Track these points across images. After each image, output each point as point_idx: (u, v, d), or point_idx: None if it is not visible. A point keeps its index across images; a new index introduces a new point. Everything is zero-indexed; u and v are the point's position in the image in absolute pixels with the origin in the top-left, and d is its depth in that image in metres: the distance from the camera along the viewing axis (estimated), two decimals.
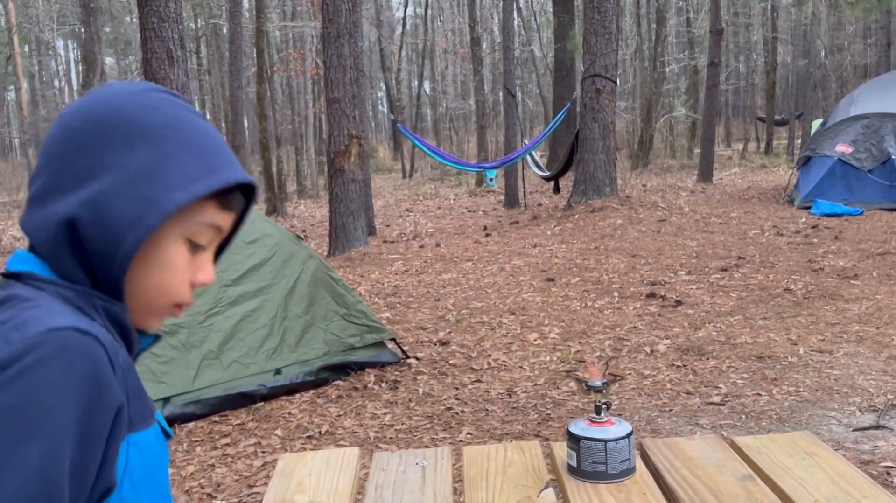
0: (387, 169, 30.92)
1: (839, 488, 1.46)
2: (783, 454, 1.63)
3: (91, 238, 0.85)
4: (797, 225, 9.96)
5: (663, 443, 1.71)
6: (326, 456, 1.72)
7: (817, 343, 5.16)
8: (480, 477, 1.59)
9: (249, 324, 4.63)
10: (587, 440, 1.51)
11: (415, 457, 1.71)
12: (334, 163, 9.67)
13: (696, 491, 1.48)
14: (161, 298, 0.91)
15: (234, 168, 0.91)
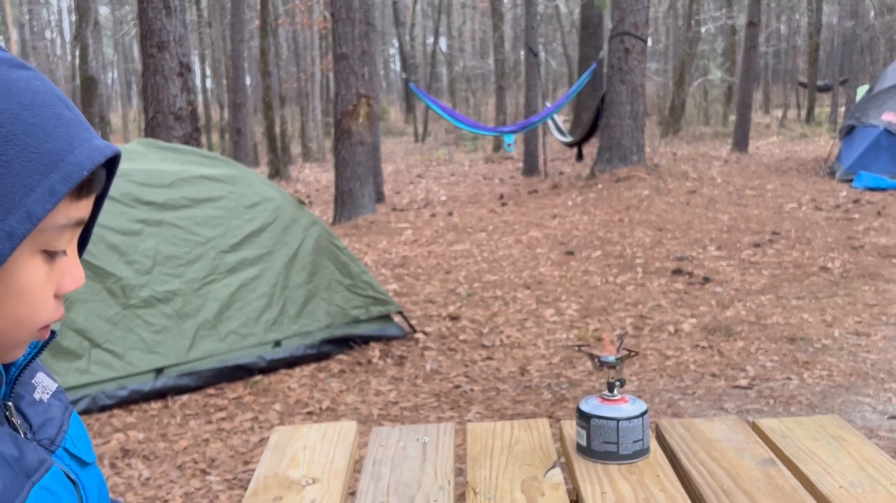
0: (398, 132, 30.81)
1: (866, 475, 1.46)
2: (808, 438, 1.63)
3: None
4: (837, 199, 9.87)
5: (680, 423, 1.71)
6: (322, 430, 1.73)
7: (854, 325, 5.14)
8: (484, 455, 1.60)
9: (248, 294, 4.65)
10: (598, 418, 1.51)
11: (416, 434, 1.72)
12: (341, 124, 9.65)
13: (714, 474, 1.48)
14: (20, 330, 0.76)
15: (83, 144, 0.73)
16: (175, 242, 4.47)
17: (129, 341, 4.17)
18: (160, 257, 4.39)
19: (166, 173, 4.56)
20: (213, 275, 4.55)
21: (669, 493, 1.41)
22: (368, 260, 7.77)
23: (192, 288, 4.46)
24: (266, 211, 4.85)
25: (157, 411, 4.19)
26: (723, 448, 1.59)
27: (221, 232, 4.65)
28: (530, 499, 1.42)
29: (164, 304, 4.34)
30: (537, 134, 14.52)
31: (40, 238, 0.73)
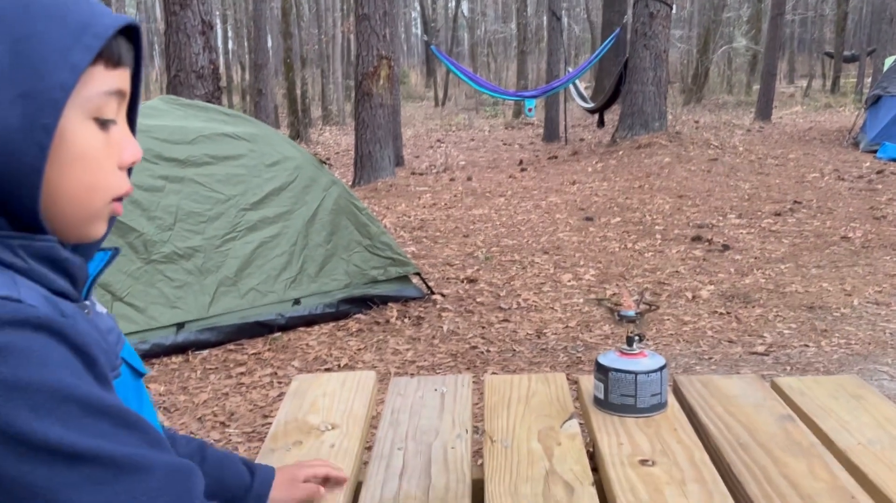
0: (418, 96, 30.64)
1: (885, 432, 1.46)
2: (827, 396, 1.62)
3: None
4: (860, 169, 9.74)
5: (698, 380, 1.72)
6: (342, 378, 1.75)
7: (874, 294, 5.10)
8: (502, 405, 1.61)
9: (268, 252, 4.67)
10: (616, 371, 1.52)
11: (434, 384, 1.73)
12: (362, 85, 9.60)
13: (731, 428, 1.48)
14: (93, 199, 0.82)
15: (104, 12, 0.80)
16: (196, 199, 4.48)
17: (151, 296, 4.21)
18: (181, 213, 4.41)
19: (188, 130, 4.56)
20: (234, 232, 4.57)
21: (686, 446, 1.42)
22: (387, 222, 7.77)
23: (213, 244, 4.48)
24: (286, 170, 4.85)
25: (177, 365, 4.24)
26: (741, 404, 1.59)
27: (242, 190, 4.66)
28: (547, 449, 1.43)
29: (185, 260, 4.37)
30: (558, 100, 14.39)
31: (88, 106, 0.79)
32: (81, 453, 0.71)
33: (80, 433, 0.71)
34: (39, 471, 0.69)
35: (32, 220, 0.79)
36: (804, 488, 1.27)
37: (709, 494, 1.26)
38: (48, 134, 0.76)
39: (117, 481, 0.72)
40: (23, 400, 0.70)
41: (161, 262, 4.29)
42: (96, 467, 0.71)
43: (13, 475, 0.69)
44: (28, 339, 0.71)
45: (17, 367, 0.70)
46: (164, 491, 0.74)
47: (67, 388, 0.72)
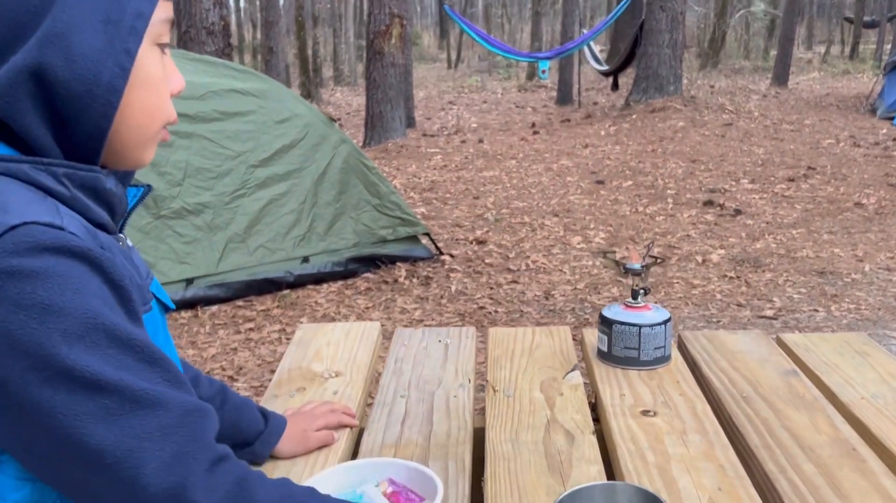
0: (431, 58, 30.39)
1: (889, 387, 1.45)
2: (833, 352, 1.62)
3: (63, 83, 0.77)
4: (877, 136, 9.63)
5: (703, 335, 1.71)
6: (346, 328, 1.75)
7: (885, 261, 5.07)
8: (505, 357, 1.62)
9: (277, 209, 4.68)
10: (620, 324, 1.52)
11: (438, 335, 1.74)
12: (373, 44, 9.52)
13: (734, 382, 1.48)
14: (152, 122, 0.86)
15: None
16: (206, 155, 4.48)
17: (161, 251, 4.22)
18: (191, 169, 4.41)
19: (198, 85, 4.54)
20: (243, 189, 4.57)
21: (688, 398, 1.42)
22: (397, 183, 7.75)
23: (222, 201, 4.49)
24: (296, 127, 4.83)
25: (186, 320, 4.27)
26: (745, 359, 1.59)
27: (252, 146, 4.64)
28: (549, 399, 1.43)
29: (194, 216, 4.37)
30: (572, 62, 14.24)
31: (153, 31, 0.84)
32: (103, 383, 0.72)
33: (105, 363, 0.73)
34: (59, 396, 0.71)
35: (98, 143, 0.82)
36: (805, 440, 1.27)
37: (709, 444, 1.26)
38: (130, 58, 0.81)
39: (133, 415, 0.73)
40: (56, 324, 0.71)
41: (170, 218, 4.29)
42: (114, 399, 0.73)
43: (34, 397, 0.71)
44: (67, 266, 0.73)
45: (54, 292, 0.71)
46: (177, 429, 0.75)
47: (99, 318, 0.73)
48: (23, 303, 0.70)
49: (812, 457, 1.22)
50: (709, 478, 1.16)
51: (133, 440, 0.73)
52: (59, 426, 0.71)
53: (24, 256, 0.71)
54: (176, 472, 0.74)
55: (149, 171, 4.27)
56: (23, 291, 0.71)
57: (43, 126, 0.79)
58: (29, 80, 0.77)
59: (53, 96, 0.78)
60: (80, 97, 0.79)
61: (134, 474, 0.72)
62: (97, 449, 0.72)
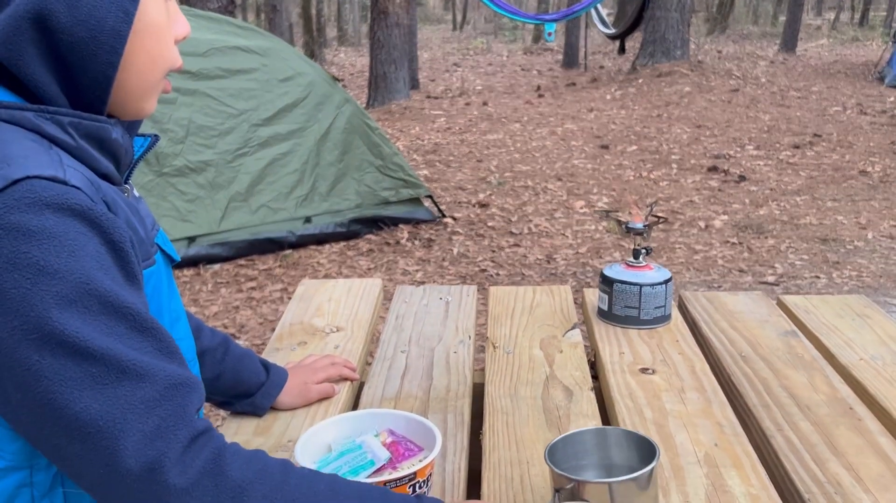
0: (436, 19, 30.09)
1: (888, 349, 1.46)
2: (833, 314, 1.62)
3: (67, 28, 0.76)
4: (884, 104, 9.56)
5: (704, 296, 1.72)
6: (348, 284, 1.76)
7: (888, 229, 5.06)
8: (506, 315, 1.62)
9: (280, 169, 4.66)
10: (621, 283, 1.52)
11: (439, 293, 1.74)
12: (378, 4, 9.42)
13: (734, 342, 1.49)
14: (155, 70, 0.85)
15: None
16: (208, 113, 4.45)
17: (163, 208, 4.22)
18: (193, 127, 4.39)
19: (200, 42, 4.50)
20: (246, 147, 4.56)
21: (687, 357, 1.43)
22: (400, 145, 7.72)
23: (225, 160, 4.47)
24: (299, 86, 4.80)
25: (189, 278, 4.28)
26: (745, 319, 1.59)
27: (254, 105, 4.62)
28: (548, 356, 1.44)
29: (196, 174, 4.36)
30: (579, 25, 14.09)
31: None
32: (91, 350, 0.71)
33: (95, 329, 0.71)
34: (46, 360, 0.70)
35: (104, 91, 0.81)
36: (803, 399, 1.28)
37: (707, 402, 1.27)
38: (134, 2, 0.80)
39: (119, 384, 0.72)
40: (49, 286, 0.70)
41: (173, 176, 4.29)
42: (101, 367, 0.71)
43: (21, 358, 0.70)
44: (65, 226, 0.71)
45: (50, 253, 0.70)
46: (161, 402, 0.74)
47: (93, 282, 0.72)
48: (18, 262, 0.69)
49: (809, 416, 1.23)
50: (706, 435, 1.17)
51: (116, 411, 0.71)
52: (44, 390, 0.70)
53: (24, 213, 0.70)
54: (155, 447, 0.72)
55: (150, 128, 4.25)
56: (18, 250, 0.69)
57: (48, 74, 0.78)
58: (31, 26, 0.76)
59: (57, 42, 0.77)
60: (84, 43, 0.78)
61: (114, 446, 0.71)
62: (79, 416, 0.70)
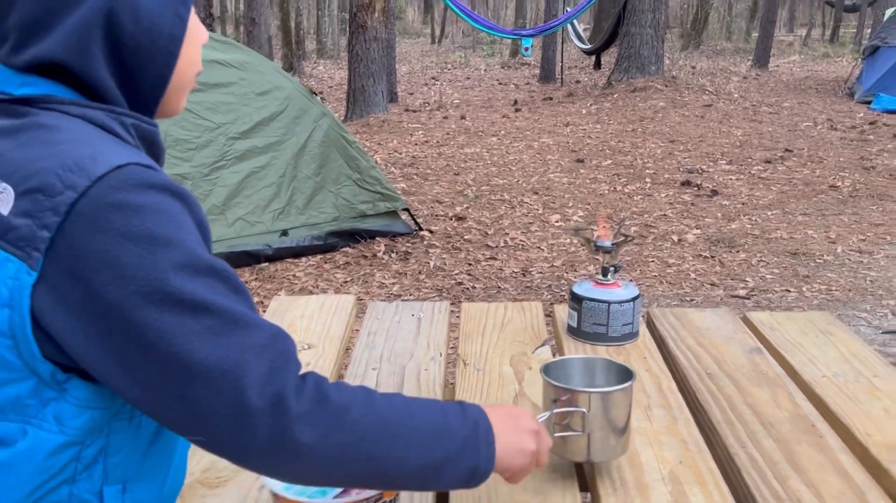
0: (415, 33, 30.18)
1: (851, 366, 1.48)
2: (797, 331, 1.64)
3: (130, 34, 0.83)
4: (854, 120, 9.70)
5: (672, 312, 1.73)
6: (321, 300, 1.76)
7: (857, 243, 5.13)
8: (477, 331, 1.63)
9: (256, 182, 4.65)
10: (590, 300, 1.53)
11: (411, 309, 1.75)
12: (356, 17, 9.45)
13: (700, 359, 1.50)
14: (190, 72, 0.92)
15: None
16: (185, 126, 4.44)
17: None
18: (170, 140, 4.37)
19: None
20: (223, 160, 4.54)
21: (654, 374, 1.44)
22: (378, 158, 7.73)
23: (202, 172, 4.46)
24: (277, 99, 4.80)
25: None
26: (711, 336, 1.61)
27: (232, 118, 4.61)
28: (518, 372, 1.45)
29: None
30: (555, 40, 14.20)
31: None
32: (206, 306, 0.78)
33: (206, 289, 0.79)
34: (166, 317, 0.77)
35: (160, 91, 0.88)
36: (766, 416, 1.30)
37: (672, 419, 1.28)
38: (187, 8, 0.88)
39: (234, 333, 0.79)
40: (163, 253, 0.77)
41: None
42: (216, 319, 0.79)
43: (142, 319, 0.77)
44: (168, 203, 0.79)
45: (160, 224, 0.78)
46: (269, 348, 0.81)
47: (196, 250, 0.80)
48: (131, 233, 0.76)
49: (772, 433, 1.25)
50: (671, 452, 1.18)
51: (236, 355, 0.78)
52: (167, 344, 0.77)
53: (130, 192, 0.77)
54: (274, 383, 0.79)
55: None
56: (130, 223, 0.76)
57: (110, 76, 0.85)
58: (100, 31, 0.82)
59: (121, 48, 0.84)
60: (146, 47, 0.85)
61: (239, 385, 0.78)
62: (204, 363, 0.77)
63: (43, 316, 0.77)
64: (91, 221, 0.76)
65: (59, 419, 0.81)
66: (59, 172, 0.77)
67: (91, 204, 0.76)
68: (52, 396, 0.81)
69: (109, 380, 0.80)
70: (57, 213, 0.76)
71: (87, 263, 0.76)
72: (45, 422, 0.81)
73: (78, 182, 0.76)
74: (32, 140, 0.80)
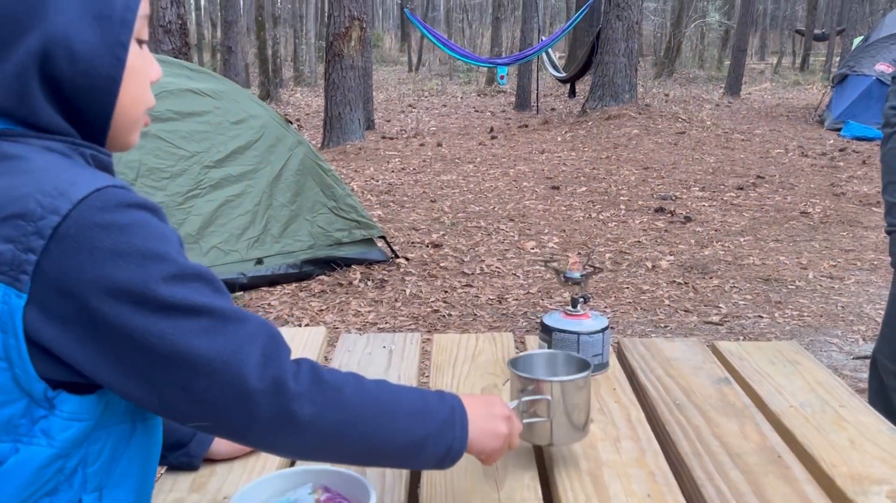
0: (392, 61, 30.36)
1: (817, 396, 1.49)
2: (765, 361, 1.66)
3: (69, 79, 0.85)
4: (824, 147, 9.86)
5: (641, 342, 1.74)
6: (291, 333, 1.75)
7: (828, 269, 5.19)
8: (448, 363, 1.63)
9: (231, 210, 4.64)
10: (560, 332, 1.54)
11: (383, 341, 1.74)
12: (333, 46, 9.49)
13: (669, 390, 1.51)
14: (137, 110, 0.94)
15: None
16: (159, 155, 4.42)
17: None
18: (144, 169, 4.35)
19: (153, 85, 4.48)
20: (197, 189, 4.53)
21: (623, 405, 1.45)
22: (355, 185, 7.73)
23: (176, 201, 4.44)
24: (252, 128, 4.80)
25: None
26: (680, 366, 1.62)
27: (206, 147, 4.60)
28: None
29: None
30: (531, 69, 14.34)
31: (135, 26, 0.90)
32: (198, 307, 0.84)
33: (196, 293, 0.85)
34: (164, 322, 0.82)
35: (104, 126, 0.91)
36: (733, 447, 1.31)
37: (641, 451, 1.29)
38: (125, 49, 0.88)
39: (227, 327, 0.85)
40: (154, 266, 0.82)
41: None
42: (210, 318, 0.85)
43: (141, 327, 0.81)
44: (147, 218, 0.84)
45: (145, 239, 0.82)
46: (261, 335, 0.87)
47: (180, 259, 0.85)
48: (119, 250, 0.80)
49: (739, 464, 1.25)
50: (639, 485, 1.18)
51: (233, 345, 0.85)
52: (169, 344, 0.82)
53: (113, 212, 0.81)
54: (271, 366, 0.86)
55: None
56: (118, 241, 0.80)
57: (57, 114, 0.87)
58: (37, 75, 0.84)
59: (61, 88, 0.85)
60: (85, 90, 0.86)
61: (240, 372, 0.84)
62: (205, 356, 0.83)
63: (38, 335, 0.81)
64: (78, 242, 0.79)
65: (47, 433, 0.84)
66: (39, 198, 0.80)
67: (75, 226, 0.79)
68: (43, 414, 0.84)
69: (113, 385, 0.85)
70: (41, 237, 0.79)
71: (80, 282, 0.79)
72: (35, 437, 0.84)
73: (60, 206, 0.79)
74: (4, 170, 0.83)
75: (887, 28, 11.44)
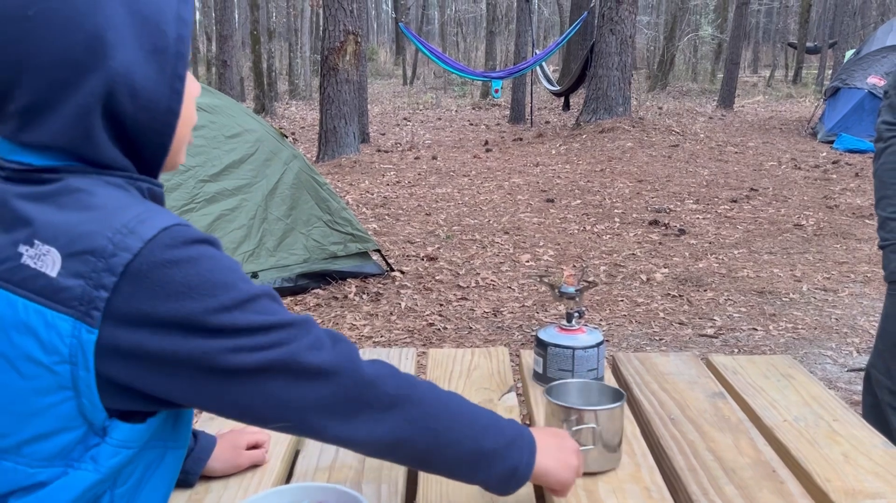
0: (387, 74, 30.46)
1: (811, 410, 1.50)
2: (759, 375, 1.66)
3: (129, 112, 0.86)
4: (817, 159, 9.90)
5: (636, 357, 1.75)
6: None
7: (822, 281, 5.21)
8: (443, 378, 1.63)
9: (226, 224, 4.64)
10: (555, 346, 1.54)
11: (378, 357, 1.74)
12: (328, 60, 9.52)
13: (664, 404, 1.51)
14: (188, 129, 0.96)
15: None
16: None
17: None
18: None
19: None
20: (192, 203, 4.53)
21: None
22: (350, 199, 7.74)
23: None
24: (247, 142, 4.81)
25: None
26: (675, 381, 1.63)
27: (201, 161, 4.61)
28: None
29: None
30: (525, 82, 14.40)
31: None
32: (269, 324, 0.87)
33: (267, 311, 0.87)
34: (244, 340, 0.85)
35: (162, 156, 0.92)
36: (728, 462, 1.31)
37: (636, 466, 1.29)
38: (182, 81, 0.90)
39: (298, 335, 0.88)
40: (223, 294, 0.84)
41: None
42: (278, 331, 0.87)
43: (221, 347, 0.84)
44: (211, 251, 0.86)
45: (213, 271, 0.84)
46: (324, 336, 0.91)
47: (247, 285, 0.87)
48: (191, 285, 0.82)
49: (734, 479, 1.26)
50: (634, 500, 1.19)
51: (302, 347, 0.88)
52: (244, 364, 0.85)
53: (180, 249, 0.83)
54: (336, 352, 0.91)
55: None
56: (188, 274, 0.82)
57: (117, 150, 0.88)
58: (100, 113, 0.85)
59: (122, 125, 0.87)
60: (146, 122, 0.88)
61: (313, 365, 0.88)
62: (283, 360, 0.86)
63: (111, 369, 0.82)
64: (150, 279, 0.81)
65: (95, 459, 0.86)
66: (109, 235, 0.81)
67: (146, 263, 0.81)
68: (96, 442, 0.86)
69: (203, 409, 0.90)
70: (113, 274, 0.80)
71: (155, 318, 0.81)
72: (84, 463, 0.86)
73: (131, 244, 0.81)
74: (71, 204, 0.84)
75: (879, 41, 11.52)
